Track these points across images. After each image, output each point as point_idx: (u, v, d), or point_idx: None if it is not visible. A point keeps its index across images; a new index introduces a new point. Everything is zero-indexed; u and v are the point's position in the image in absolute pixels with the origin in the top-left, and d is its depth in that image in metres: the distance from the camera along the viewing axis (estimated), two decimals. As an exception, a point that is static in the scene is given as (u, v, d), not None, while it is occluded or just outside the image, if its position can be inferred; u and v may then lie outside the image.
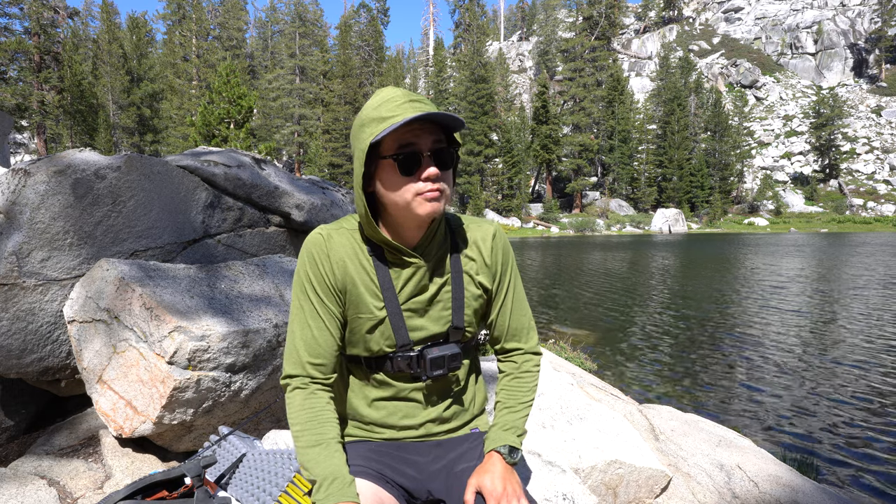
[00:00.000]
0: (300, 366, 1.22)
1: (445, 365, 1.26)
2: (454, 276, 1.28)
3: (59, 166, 2.57)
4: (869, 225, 49.29)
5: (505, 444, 1.26)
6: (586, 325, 9.81)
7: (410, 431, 1.32)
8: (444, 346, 1.28)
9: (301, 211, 3.60)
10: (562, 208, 53.33)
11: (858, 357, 7.53)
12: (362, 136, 1.16)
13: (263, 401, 2.43)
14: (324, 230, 1.25)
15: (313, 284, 1.22)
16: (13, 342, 2.46)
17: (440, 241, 1.27)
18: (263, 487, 1.57)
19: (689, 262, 21.77)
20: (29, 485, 2.17)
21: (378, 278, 1.23)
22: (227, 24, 55.61)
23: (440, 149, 1.16)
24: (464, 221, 1.34)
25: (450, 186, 1.19)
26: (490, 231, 1.33)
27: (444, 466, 1.31)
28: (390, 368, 1.27)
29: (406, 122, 1.11)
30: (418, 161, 1.14)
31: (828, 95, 61.00)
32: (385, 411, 1.31)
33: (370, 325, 1.24)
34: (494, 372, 2.90)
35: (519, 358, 1.38)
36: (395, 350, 1.26)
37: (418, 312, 1.26)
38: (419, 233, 1.23)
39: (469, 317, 1.30)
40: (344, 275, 1.23)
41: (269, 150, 18.64)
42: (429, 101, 1.19)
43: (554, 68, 72.60)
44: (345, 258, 1.23)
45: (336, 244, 1.24)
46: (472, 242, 1.31)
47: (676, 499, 2.45)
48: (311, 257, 1.23)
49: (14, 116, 31.57)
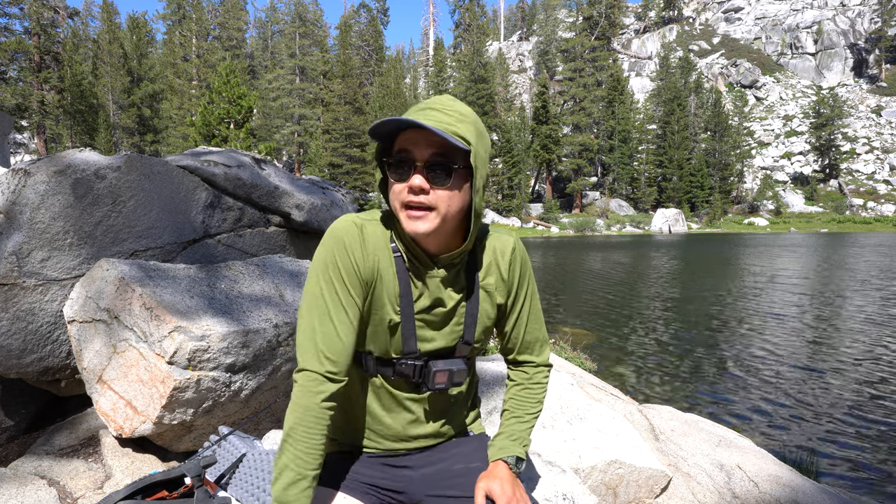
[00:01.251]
0: (318, 362, 1.12)
1: (449, 380, 1.23)
2: (470, 293, 1.24)
3: (59, 166, 2.57)
4: (869, 225, 49.28)
5: (512, 455, 1.25)
6: (586, 325, 9.81)
7: (404, 444, 1.29)
8: (450, 361, 1.24)
9: (301, 211, 3.60)
10: (562, 208, 53.33)
11: (859, 357, 7.53)
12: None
13: (263, 401, 2.43)
14: (356, 218, 1.19)
15: (342, 275, 1.14)
16: (13, 342, 2.46)
17: (461, 253, 1.20)
18: (263, 487, 1.57)
19: (689, 262, 21.77)
20: (29, 485, 2.17)
21: (399, 281, 1.18)
22: (227, 24, 55.60)
23: (436, 163, 1.08)
24: (484, 233, 1.29)
25: (446, 203, 1.10)
26: (510, 245, 1.27)
27: (440, 469, 1.29)
28: (391, 374, 1.22)
29: (411, 129, 1.09)
30: (409, 170, 1.10)
31: (828, 95, 60.99)
32: (377, 419, 1.27)
33: (382, 326, 1.19)
34: (496, 373, 2.90)
35: (531, 369, 1.37)
36: (401, 356, 1.22)
37: (431, 325, 1.22)
38: (438, 246, 1.17)
39: (480, 334, 1.27)
40: (374, 268, 1.16)
41: (269, 150, 18.63)
42: (452, 112, 1.10)
43: (554, 68, 72.61)
44: (377, 251, 1.17)
45: (370, 234, 1.17)
46: (492, 256, 1.26)
47: (676, 499, 2.45)
48: (341, 245, 1.14)
49: (14, 116, 31.56)
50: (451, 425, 1.33)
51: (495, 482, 1.20)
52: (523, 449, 1.28)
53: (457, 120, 1.10)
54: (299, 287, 2.71)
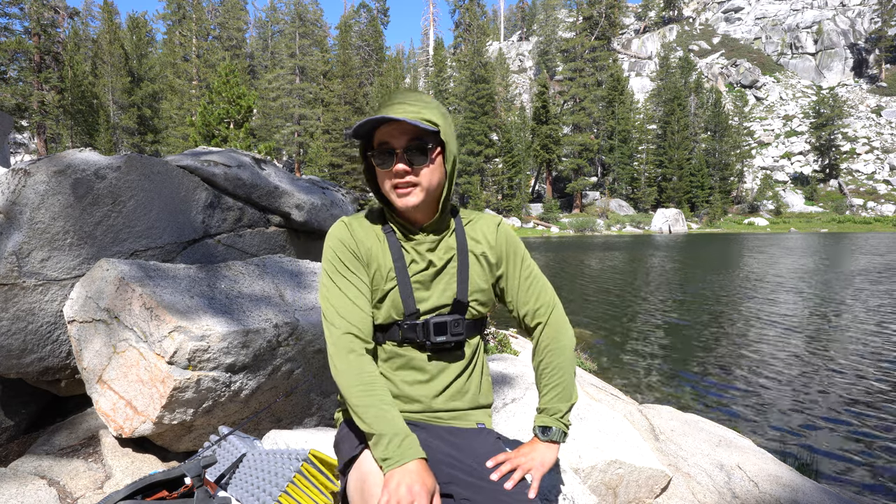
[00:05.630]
0: (347, 329, 1.30)
1: (448, 330, 1.35)
2: (460, 253, 1.40)
3: (59, 166, 2.57)
4: (869, 225, 49.25)
5: (538, 426, 1.41)
6: (586, 325, 9.80)
7: (418, 404, 1.38)
8: (446, 315, 1.38)
9: (301, 211, 3.60)
10: (562, 208, 53.30)
11: (859, 357, 7.53)
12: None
13: (263, 401, 2.43)
14: (345, 219, 1.42)
15: (343, 262, 1.35)
16: (13, 342, 2.46)
17: (447, 223, 1.41)
18: (263, 487, 1.57)
19: (689, 262, 21.76)
20: (29, 485, 2.17)
21: (391, 252, 1.37)
22: (227, 24, 55.53)
23: (413, 147, 1.29)
24: (472, 215, 1.49)
25: (428, 178, 1.31)
26: (495, 221, 1.48)
27: (454, 456, 1.33)
28: (398, 336, 1.36)
29: (386, 122, 1.28)
30: (391, 158, 1.30)
31: (828, 95, 60.92)
32: (393, 383, 1.38)
33: (383, 293, 1.35)
34: (496, 373, 2.90)
35: (545, 334, 1.47)
36: (404, 318, 1.36)
37: (425, 285, 1.37)
38: (425, 215, 1.37)
39: (473, 293, 1.40)
40: (368, 251, 1.37)
41: (269, 150, 18.61)
42: (421, 103, 1.31)
43: (554, 68, 72.57)
44: (365, 238, 1.38)
45: (357, 227, 1.39)
46: (479, 229, 1.45)
47: (676, 499, 2.45)
48: (337, 240, 1.37)
49: (14, 116, 31.57)
50: (459, 387, 1.41)
51: (526, 448, 1.38)
52: (543, 418, 1.41)
53: (422, 108, 1.30)
54: (299, 287, 2.71)
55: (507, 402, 2.64)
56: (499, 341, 4.99)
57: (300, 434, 2.02)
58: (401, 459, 1.13)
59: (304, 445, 1.93)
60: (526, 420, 2.48)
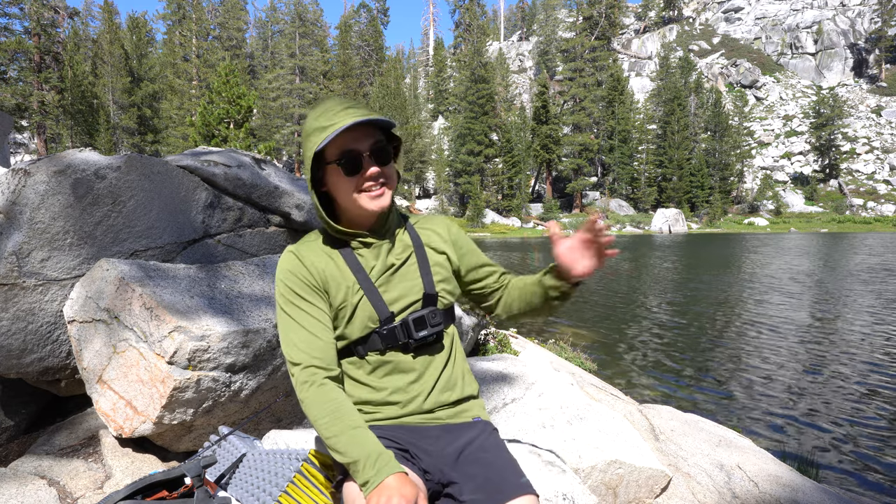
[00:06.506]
0: (308, 362, 1.28)
1: (427, 322, 1.35)
2: (416, 248, 1.42)
3: (59, 166, 2.57)
4: (869, 225, 49.26)
5: None
6: (586, 325, 9.81)
7: (413, 406, 1.37)
8: (421, 310, 1.37)
9: (301, 211, 3.60)
10: (562, 208, 53.31)
11: (858, 357, 7.53)
12: (308, 145, 1.30)
13: (263, 401, 2.43)
14: (291, 248, 1.39)
15: (296, 292, 1.32)
16: (13, 342, 2.46)
17: (396, 223, 1.42)
18: (263, 487, 1.57)
19: (688, 262, 21.76)
20: (29, 485, 2.17)
21: (348, 265, 1.36)
22: (227, 24, 55.56)
23: (379, 148, 1.30)
24: (418, 216, 1.52)
25: (393, 176, 1.35)
26: (443, 218, 1.53)
27: (455, 450, 1.34)
28: (379, 344, 1.35)
29: (345, 129, 1.24)
30: (360, 163, 1.29)
31: (828, 95, 60.93)
32: (385, 391, 1.37)
33: (352, 306, 1.34)
34: (496, 373, 2.90)
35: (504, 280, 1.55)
36: (380, 325, 1.35)
37: (391, 286, 1.37)
38: (372, 220, 1.37)
39: (439, 283, 1.42)
40: (321, 274, 1.34)
41: (269, 150, 18.63)
42: (363, 105, 1.33)
43: (554, 68, 72.55)
44: (316, 261, 1.36)
45: (305, 253, 1.37)
46: (428, 226, 1.49)
47: (676, 499, 2.45)
48: (287, 272, 1.34)
49: (14, 116, 31.57)
50: (448, 378, 1.42)
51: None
52: None
53: (367, 109, 1.31)
54: (299, 287, 2.71)
55: (507, 402, 2.63)
56: (499, 341, 4.99)
57: (300, 434, 2.02)
58: (376, 479, 1.13)
59: (304, 445, 1.93)
60: (526, 420, 2.48)
